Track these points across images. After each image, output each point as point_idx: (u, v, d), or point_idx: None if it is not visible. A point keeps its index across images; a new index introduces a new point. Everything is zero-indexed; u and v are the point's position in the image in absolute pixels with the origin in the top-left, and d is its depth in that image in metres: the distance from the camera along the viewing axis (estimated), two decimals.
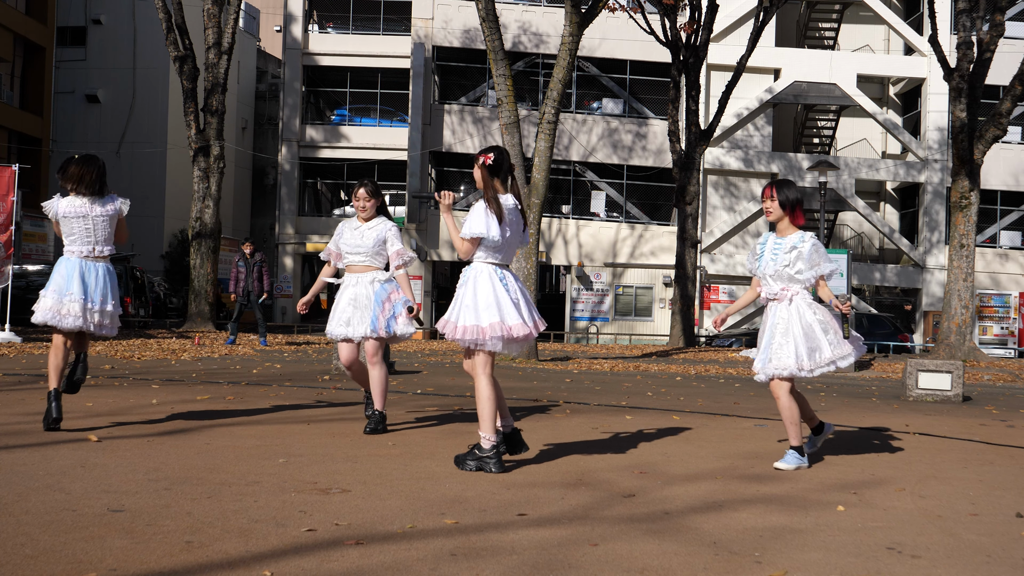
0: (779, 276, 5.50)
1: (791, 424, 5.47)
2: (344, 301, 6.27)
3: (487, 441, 4.98)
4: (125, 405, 7.38)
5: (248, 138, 43.13)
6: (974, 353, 19.07)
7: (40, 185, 35.04)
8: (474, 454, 5.04)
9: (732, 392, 10.53)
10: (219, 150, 22.70)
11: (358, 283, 6.27)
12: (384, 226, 6.34)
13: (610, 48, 31.51)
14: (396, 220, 30.38)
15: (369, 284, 6.25)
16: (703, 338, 27.92)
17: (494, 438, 4.98)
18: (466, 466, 5.02)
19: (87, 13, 38.27)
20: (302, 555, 3.35)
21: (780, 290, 5.51)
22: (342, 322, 6.24)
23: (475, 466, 5.00)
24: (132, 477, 4.58)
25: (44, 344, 14.54)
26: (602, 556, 3.46)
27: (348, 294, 6.27)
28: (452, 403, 8.34)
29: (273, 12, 47.81)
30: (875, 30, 34.14)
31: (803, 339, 5.42)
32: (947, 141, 30.90)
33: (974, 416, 8.63)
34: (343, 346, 6.29)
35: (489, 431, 4.96)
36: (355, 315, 6.21)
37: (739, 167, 31.66)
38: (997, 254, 32.58)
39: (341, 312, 6.25)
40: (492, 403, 4.98)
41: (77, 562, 3.17)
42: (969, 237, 19.19)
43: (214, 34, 22.49)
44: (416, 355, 15.94)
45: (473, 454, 5.04)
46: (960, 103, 19.25)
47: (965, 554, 3.67)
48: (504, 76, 15.57)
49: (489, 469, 4.95)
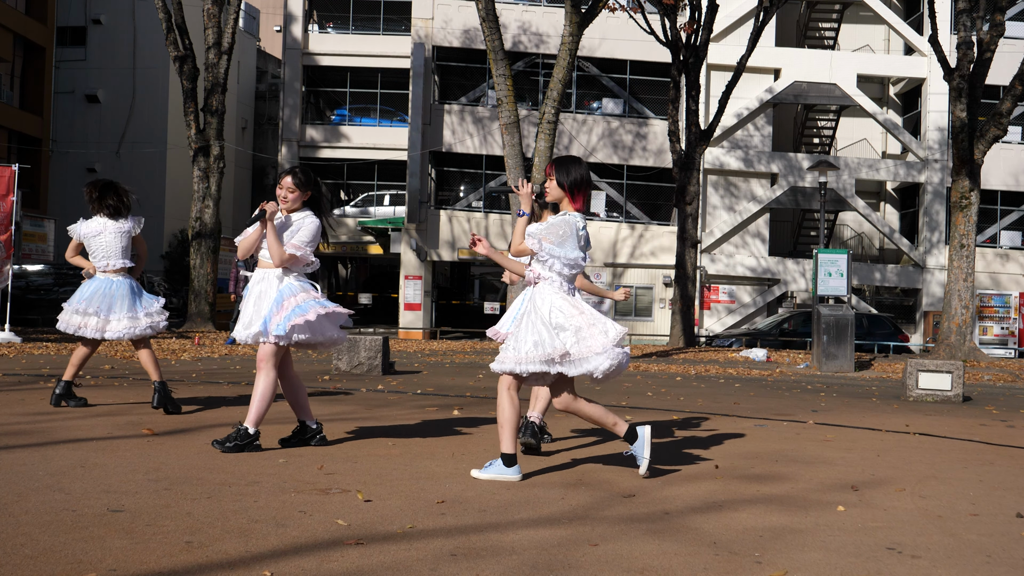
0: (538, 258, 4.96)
1: (504, 426, 4.84)
2: (251, 301, 5.53)
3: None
4: (125, 405, 7.37)
5: (248, 138, 43.13)
6: (974, 353, 19.07)
7: (40, 185, 35.07)
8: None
9: (732, 392, 10.53)
10: (219, 150, 22.69)
11: (264, 279, 5.54)
12: (306, 219, 5.52)
13: (610, 48, 31.50)
14: (396, 220, 30.07)
15: (276, 279, 5.51)
16: (703, 338, 27.91)
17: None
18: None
19: (87, 13, 38.27)
20: (302, 555, 3.35)
21: (532, 272, 4.98)
22: (244, 324, 5.48)
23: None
24: (132, 477, 4.58)
25: (44, 345, 14.54)
26: (602, 556, 3.46)
27: (254, 292, 5.54)
28: (452, 403, 8.34)
29: (273, 12, 47.81)
30: (875, 30, 34.13)
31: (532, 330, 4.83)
32: (947, 141, 30.89)
33: (974, 416, 8.63)
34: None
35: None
36: (256, 315, 5.46)
37: (739, 167, 31.65)
38: (997, 254, 32.57)
39: (244, 313, 5.52)
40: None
41: (77, 562, 3.17)
42: (969, 237, 19.19)
43: (214, 34, 22.49)
44: (416, 355, 15.95)
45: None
46: (960, 103, 19.25)
47: (965, 554, 3.67)
48: (504, 76, 15.57)
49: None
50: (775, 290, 31.56)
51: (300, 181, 5.51)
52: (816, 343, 15.80)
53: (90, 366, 10.57)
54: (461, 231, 31.39)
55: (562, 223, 4.86)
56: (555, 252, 4.83)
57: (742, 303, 31.63)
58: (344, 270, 43.18)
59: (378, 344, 11.13)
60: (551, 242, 4.83)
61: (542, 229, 4.88)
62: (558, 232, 4.84)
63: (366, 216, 33.82)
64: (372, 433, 6.31)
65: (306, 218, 5.52)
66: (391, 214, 33.43)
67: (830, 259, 16.04)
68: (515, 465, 4.82)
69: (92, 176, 36.98)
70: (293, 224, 5.50)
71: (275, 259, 5.42)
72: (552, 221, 4.90)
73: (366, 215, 33.91)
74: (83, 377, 9.30)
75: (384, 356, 11.30)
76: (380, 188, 35.13)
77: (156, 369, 6.95)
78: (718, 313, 31.53)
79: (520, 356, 4.78)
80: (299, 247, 5.44)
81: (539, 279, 4.92)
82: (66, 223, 8.53)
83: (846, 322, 15.35)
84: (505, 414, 4.82)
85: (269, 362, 5.40)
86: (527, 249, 4.90)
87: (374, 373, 11.07)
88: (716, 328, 30.73)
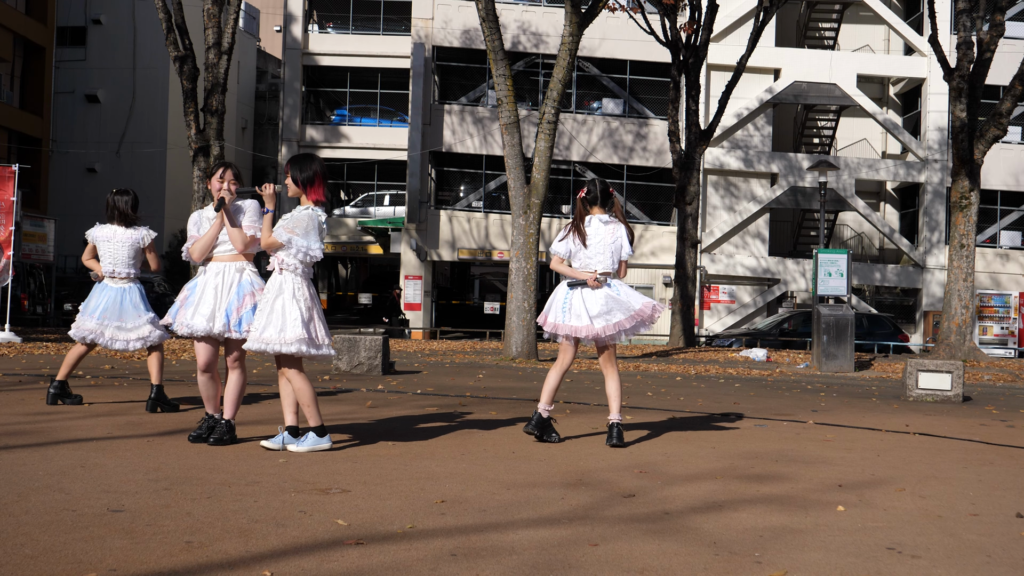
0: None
1: (305, 406, 5.41)
2: (208, 292, 5.63)
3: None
4: (125, 405, 7.38)
5: (248, 138, 43.13)
6: (974, 353, 19.06)
7: (40, 185, 35.05)
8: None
9: (732, 392, 10.53)
10: (219, 150, 22.66)
11: (222, 272, 5.68)
12: (246, 202, 5.81)
13: (610, 48, 31.50)
14: (396, 220, 30.12)
15: (236, 273, 5.69)
16: (703, 338, 27.91)
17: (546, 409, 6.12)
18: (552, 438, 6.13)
19: (87, 13, 38.26)
20: (302, 555, 3.35)
21: (273, 256, 5.45)
22: (205, 315, 5.59)
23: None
24: (132, 477, 4.58)
25: (44, 345, 14.54)
26: (602, 556, 3.46)
27: (212, 283, 5.65)
28: (452, 403, 8.34)
29: (273, 12, 47.81)
30: (875, 30, 34.13)
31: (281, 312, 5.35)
32: (947, 141, 30.89)
33: (974, 416, 8.63)
34: (203, 347, 5.67)
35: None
36: (218, 309, 5.60)
37: (739, 167, 31.65)
38: (997, 254, 32.57)
39: (204, 304, 5.61)
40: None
41: (77, 562, 3.17)
42: (969, 237, 19.19)
43: (214, 34, 22.47)
44: (416, 355, 15.94)
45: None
46: (960, 103, 19.25)
47: (965, 554, 3.67)
48: (504, 76, 15.56)
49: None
50: (775, 290, 31.56)
51: (239, 173, 5.93)
52: (816, 343, 15.80)
53: (91, 366, 10.57)
54: (461, 231, 31.39)
55: (305, 217, 5.39)
56: (300, 243, 5.36)
57: (742, 303, 31.63)
58: (344, 270, 43.19)
59: (378, 344, 11.13)
60: (297, 234, 5.36)
61: (288, 223, 5.39)
62: (302, 225, 5.38)
63: (366, 216, 33.82)
64: (372, 433, 6.32)
65: (246, 201, 5.82)
66: (391, 214, 33.43)
67: (830, 259, 16.04)
68: (326, 435, 5.48)
69: (92, 176, 37.03)
70: (241, 212, 5.81)
71: (238, 244, 5.68)
72: (296, 215, 5.42)
73: (366, 215, 33.91)
74: (82, 376, 9.31)
75: (384, 356, 11.29)
76: (380, 188, 35.13)
77: (160, 373, 7.12)
78: (718, 313, 31.53)
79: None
80: (252, 226, 5.74)
81: (284, 267, 5.40)
82: (66, 223, 8.68)
83: (846, 322, 15.35)
84: (307, 394, 5.38)
85: (241, 359, 5.70)
86: (277, 242, 5.37)
87: (374, 373, 11.07)
88: (716, 328, 30.73)
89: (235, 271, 5.71)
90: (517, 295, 15.53)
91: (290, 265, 5.36)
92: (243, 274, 5.71)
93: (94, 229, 7.20)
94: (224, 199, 5.65)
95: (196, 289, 5.70)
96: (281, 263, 5.37)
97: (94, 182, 36.77)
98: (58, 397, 7.18)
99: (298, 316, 5.31)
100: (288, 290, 5.36)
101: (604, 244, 6.05)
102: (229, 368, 5.66)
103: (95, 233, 7.16)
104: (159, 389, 7.06)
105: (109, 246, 7.07)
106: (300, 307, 5.33)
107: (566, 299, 6.05)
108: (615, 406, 6.06)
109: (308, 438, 5.44)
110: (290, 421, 5.53)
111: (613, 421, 6.04)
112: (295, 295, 5.35)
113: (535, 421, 6.11)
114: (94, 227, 7.22)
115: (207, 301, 5.61)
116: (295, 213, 5.43)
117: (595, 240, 6.07)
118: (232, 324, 5.58)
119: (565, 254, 6.15)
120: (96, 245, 7.14)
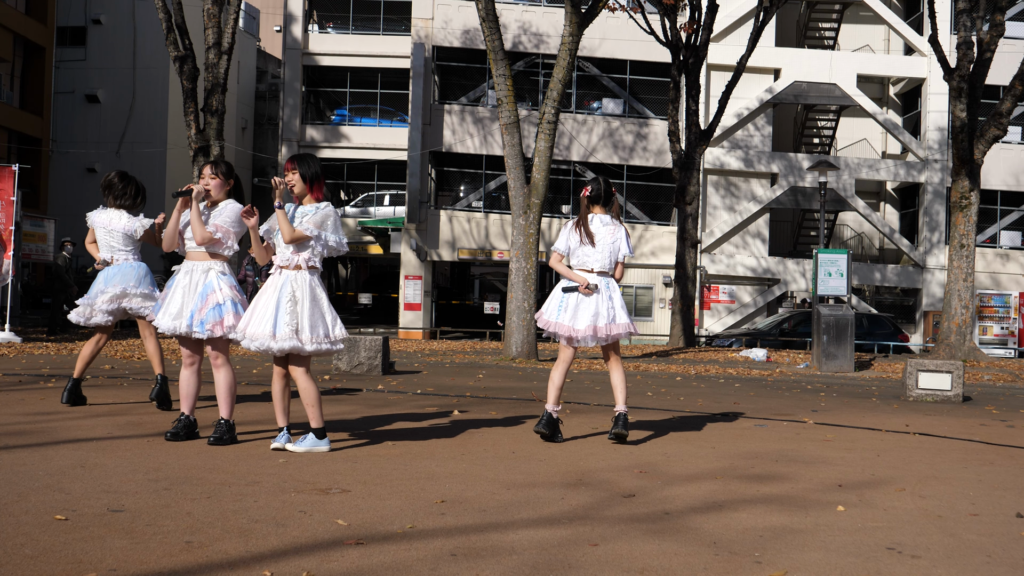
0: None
1: (309, 406, 5.41)
2: (177, 292, 5.69)
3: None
4: (125, 405, 7.38)
5: (248, 138, 43.12)
6: (974, 353, 19.06)
7: (40, 185, 35.06)
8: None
9: (732, 392, 10.53)
10: (219, 150, 22.67)
11: (191, 272, 5.71)
12: (228, 204, 5.74)
13: (610, 48, 31.49)
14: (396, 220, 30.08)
15: (203, 273, 5.68)
16: (703, 338, 27.91)
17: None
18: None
19: (87, 13, 38.26)
20: (302, 555, 3.35)
21: (291, 255, 5.37)
22: (171, 314, 5.63)
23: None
24: (132, 477, 4.58)
25: (44, 345, 14.54)
26: (602, 556, 3.46)
27: (181, 283, 5.69)
28: (452, 403, 8.34)
29: (273, 12, 47.80)
30: (875, 30, 34.13)
31: (310, 312, 5.33)
32: (947, 141, 30.88)
33: (974, 416, 8.63)
34: (183, 344, 5.72)
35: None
36: (184, 308, 5.61)
37: (739, 167, 31.64)
38: (997, 254, 32.57)
39: (172, 303, 5.66)
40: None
41: (77, 562, 3.17)
42: (969, 237, 19.18)
43: (214, 34, 22.48)
44: (416, 355, 15.94)
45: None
46: (960, 103, 19.24)
47: (965, 554, 3.67)
48: (504, 76, 15.56)
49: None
50: (775, 290, 31.56)
51: (221, 171, 5.79)
52: (816, 343, 15.79)
53: (91, 366, 10.55)
54: (461, 231, 31.39)
55: (330, 212, 5.41)
56: (332, 238, 5.38)
57: (742, 303, 31.62)
58: (344, 270, 43.18)
59: (378, 344, 11.13)
60: (327, 229, 5.37)
61: (313, 218, 5.34)
62: (330, 220, 5.39)
63: (366, 216, 33.81)
64: (372, 433, 6.32)
65: (228, 203, 5.74)
66: (391, 214, 33.42)
67: (830, 259, 16.04)
68: (325, 437, 5.48)
69: (92, 176, 37.02)
70: (216, 210, 5.74)
71: (197, 237, 5.61)
72: (319, 212, 5.39)
73: (366, 215, 33.90)
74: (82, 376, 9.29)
75: (384, 356, 11.29)
76: (380, 188, 35.13)
77: (160, 362, 7.14)
78: (718, 313, 31.53)
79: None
80: (219, 227, 5.65)
81: (310, 264, 5.37)
82: (66, 223, 8.69)
83: (846, 322, 15.35)
84: (312, 394, 5.38)
85: (223, 355, 5.66)
86: (305, 235, 5.32)
87: (374, 373, 11.07)
88: (716, 328, 30.72)
89: (202, 271, 5.68)
90: (517, 295, 15.54)
91: (314, 262, 5.36)
92: (209, 274, 5.66)
93: (93, 213, 7.18)
94: (192, 189, 5.60)
95: (168, 288, 5.76)
96: (308, 261, 5.35)
97: (94, 182, 36.74)
98: (73, 394, 7.14)
99: (332, 315, 5.39)
100: (312, 289, 5.36)
101: (604, 244, 6.16)
102: (213, 368, 5.64)
103: (93, 217, 7.13)
104: (164, 380, 7.09)
105: (104, 233, 7.04)
106: (325, 305, 5.38)
107: (562, 300, 6.17)
108: (620, 397, 6.14)
109: (307, 439, 5.45)
110: (281, 423, 5.53)
111: (620, 411, 6.13)
112: (318, 294, 5.37)
113: (544, 420, 6.16)
114: (95, 211, 7.19)
115: (175, 301, 5.65)
116: (316, 210, 5.37)
117: (596, 239, 6.16)
118: (195, 325, 5.53)
119: (564, 250, 6.24)
120: (94, 230, 7.13)
